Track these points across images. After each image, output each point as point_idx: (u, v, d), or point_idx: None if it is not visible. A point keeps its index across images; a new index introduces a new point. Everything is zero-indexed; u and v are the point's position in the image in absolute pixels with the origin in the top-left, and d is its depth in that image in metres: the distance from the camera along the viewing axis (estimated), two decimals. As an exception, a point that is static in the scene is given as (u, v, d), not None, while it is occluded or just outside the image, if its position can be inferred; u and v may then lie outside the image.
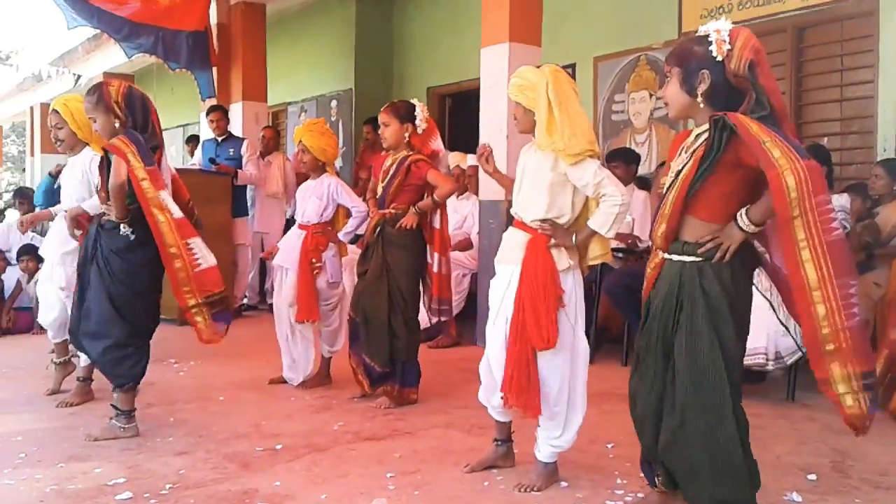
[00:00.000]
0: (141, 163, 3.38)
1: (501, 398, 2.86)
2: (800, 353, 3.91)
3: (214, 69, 8.38)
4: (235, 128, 7.98)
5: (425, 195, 4.08)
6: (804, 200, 2.04)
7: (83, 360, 4.11)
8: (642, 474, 2.65)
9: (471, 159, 6.27)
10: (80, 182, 4.12)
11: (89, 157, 4.09)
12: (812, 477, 2.93)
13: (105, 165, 3.53)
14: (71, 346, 4.29)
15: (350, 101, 9.49)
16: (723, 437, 2.24)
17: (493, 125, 5.65)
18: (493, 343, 2.96)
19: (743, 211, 2.25)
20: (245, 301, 7.73)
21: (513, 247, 2.90)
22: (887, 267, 4.50)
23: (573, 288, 2.86)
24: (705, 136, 2.26)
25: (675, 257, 2.35)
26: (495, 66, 5.65)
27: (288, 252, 4.51)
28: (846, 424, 2.22)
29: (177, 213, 3.47)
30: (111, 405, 3.60)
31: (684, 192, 2.29)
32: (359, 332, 4.16)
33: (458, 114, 8.66)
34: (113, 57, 11.04)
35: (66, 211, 3.98)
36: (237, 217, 7.45)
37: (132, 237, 3.50)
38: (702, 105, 2.31)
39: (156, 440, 3.50)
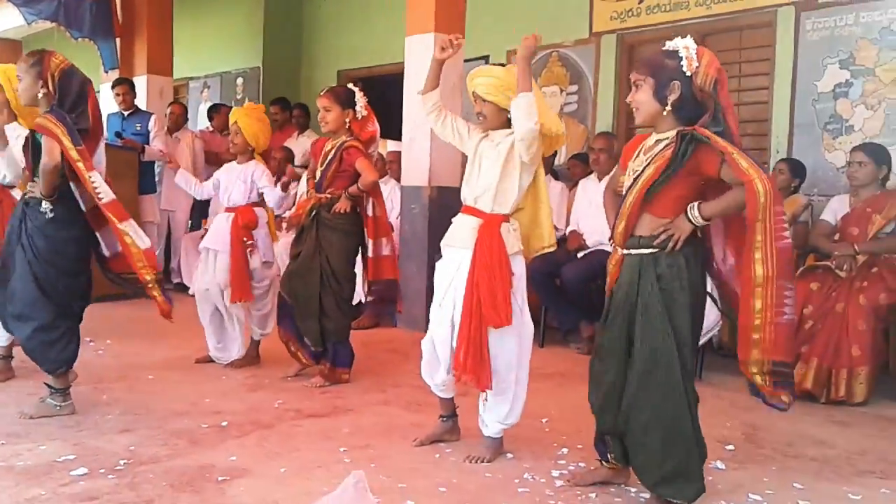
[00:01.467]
0: (72, 143, 3.34)
1: (453, 374, 3.01)
2: (706, 338, 4.25)
3: (118, 40, 8.11)
4: (139, 102, 7.75)
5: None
6: (768, 208, 2.31)
7: (2, 337, 3.99)
8: (596, 451, 2.82)
9: (391, 145, 6.38)
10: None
11: (15, 134, 3.94)
12: (730, 447, 3.25)
13: (30, 145, 3.48)
14: None
15: (258, 80, 9.37)
16: (673, 411, 2.48)
17: (417, 114, 5.75)
18: (440, 323, 3.08)
19: (694, 205, 2.50)
20: (149, 280, 7.54)
21: (463, 231, 3.04)
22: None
23: (520, 271, 3.05)
24: (666, 143, 2.50)
25: (634, 251, 2.58)
26: (420, 56, 5.76)
27: (218, 234, 4.50)
28: (767, 398, 2.49)
29: (110, 195, 3.44)
30: (45, 383, 3.54)
31: (643, 193, 2.53)
32: (288, 310, 4.23)
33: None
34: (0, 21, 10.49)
35: None
36: (144, 194, 7.26)
37: (51, 214, 3.45)
38: (667, 114, 2.53)
39: (94, 418, 3.47)
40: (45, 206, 3.42)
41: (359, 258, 4.28)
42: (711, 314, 3.40)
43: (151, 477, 2.78)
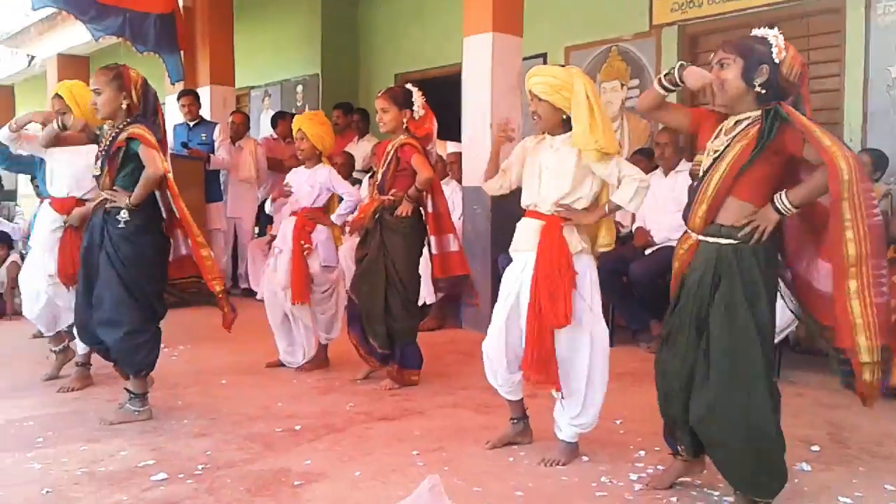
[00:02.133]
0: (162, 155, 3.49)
1: (522, 375, 2.98)
2: (783, 335, 4.12)
3: (182, 52, 8.28)
4: (203, 112, 7.90)
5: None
6: (854, 185, 2.24)
7: (81, 345, 4.10)
8: (666, 444, 2.78)
9: (451, 146, 6.37)
10: (83, 172, 4.06)
11: (86, 149, 4.00)
12: (815, 448, 3.14)
13: (116, 154, 3.54)
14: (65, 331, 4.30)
15: (317, 86, 9.47)
16: (757, 411, 2.41)
17: (476, 114, 5.76)
18: (503, 326, 3.05)
19: (782, 194, 2.42)
20: (217, 287, 7.68)
21: (528, 234, 3.03)
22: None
23: (586, 269, 3.00)
24: (748, 122, 2.44)
25: (712, 239, 2.50)
26: (478, 56, 5.75)
27: (282, 235, 4.58)
28: (859, 394, 2.39)
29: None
30: (125, 389, 3.64)
31: (734, 173, 2.45)
32: (357, 314, 4.25)
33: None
34: (67, 38, 10.78)
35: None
36: (211, 202, 7.40)
37: (133, 221, 3.53)
38: (750, 96, 2.47)
39: (170, 423, 3.54)
40: (124, 214, 3.51)
41: (425, 258, 4.26)
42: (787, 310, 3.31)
43: (229, 482, 2.81)
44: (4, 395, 4.03)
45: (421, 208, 4.20)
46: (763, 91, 2.45)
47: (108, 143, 3.58)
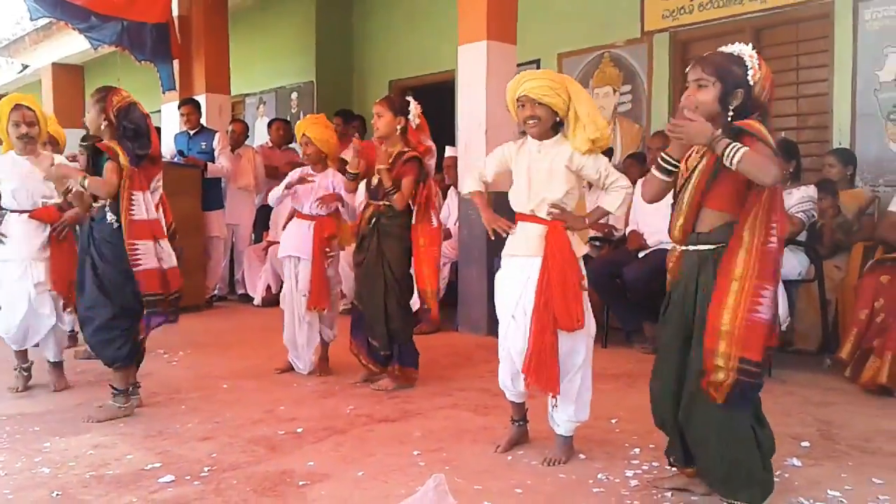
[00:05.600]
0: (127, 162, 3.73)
1: (523, 379, 3.03)
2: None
3: (176, 61, 8.35)
4: (200, 119, 7.97)
5: (420, 193, 4.23)
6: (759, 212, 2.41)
7: (52, 349, 4.32)
8: (665, 457, 2.82)
9: (448, 150, 6.45)
10: (44, 183, 4.23)
11: (49, 161, 4.26)
12: (805, 444, 3.22)
13: (91, 163, 3.85)
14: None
15: (311, 94, 9.55)
16: (732, 416, 2.46)
17: (471, 120, 5.84)
18: (517, 335, 3.06)
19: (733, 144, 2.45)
20: (216, 292, 7.75)
21: (530, 239, 3.05)
22: (847, 252, 4.87)
23: (585, 273, 3.07)
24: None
25: (692, 248, 2.57)
26: (473, 64, 5.84)
27: (299, 242, 4.55)
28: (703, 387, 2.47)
29: (141, 215, 3.75)
30: (109, 385, 3.80)
31: (702, 187, 2.53)
32: (359, 319, 4.33)
33: (421, 107, 8.80)
34: (62, 48, 10.88)
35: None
36: (211, 210, 7.46)
37: (116, 224, 3.73)
38: (721, 117, 2.52)
39: (175, 427, 3.60)
40: (111, 217, 3.72)
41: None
42: (781, 310, 3.39)
43: (235, 483, 2.87)
44: (8, 400, 4.08)
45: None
46: (736, 113, 2.51)
47: (87, 155, 3.88)
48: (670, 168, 2.61)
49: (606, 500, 2.70)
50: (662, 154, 2.62)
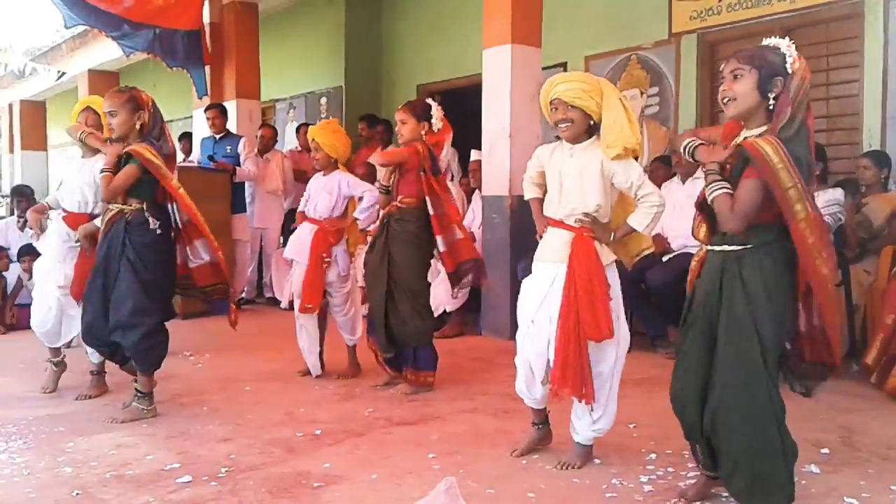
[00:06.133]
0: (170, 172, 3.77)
1: (551, 390, 2.98)
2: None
3: (207, 68, 8.47)
4: (229, 125, 8.05)
5: (423, 183, 4.20)
6: (819, 243, 2.38)
7: (94, 354, 4.23)
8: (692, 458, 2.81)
9: (474, 154, 6.45)
10: (90, 186, 4.23)
11: (92, 161, 4.23)
12: (825, 451, 3.17)
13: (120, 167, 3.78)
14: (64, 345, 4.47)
15: (340, 99, 9.61)
16: (759, 417, 2.43)
17: (496, 124, 5.85)
18: (535, 339, 3.05)
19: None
20: (243, 295, 7.84)
21: (556, 245, 3.02)
22: (876, 256, 4.78)
23: (615, 282, 3.03)
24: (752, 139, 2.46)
25: (717, 248, 2.55)
26: (497, 67, 5.84)
27: (300, 246, 4.62)
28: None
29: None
30: (135, 387, 3.84)
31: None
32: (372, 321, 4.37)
33: (449, 110, 8.78)
34: (97, 54, 11.08)
35: (81, 227, 4.21)
36: (235, 213, 7.54)
37: (160, 231, 3.78)
38: (763, 108, 2.47)
39: (196, 428, 3.65)
40: (154, 223, 3.77)
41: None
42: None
43: (251, 484, 2.91)
44: (35, 402, 4.16)
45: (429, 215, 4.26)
46: (773, 104, 2.44)
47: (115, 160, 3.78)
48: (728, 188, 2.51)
49: (619, 506, 2.68)
50: (712, 173, 2.54)
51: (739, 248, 2.48)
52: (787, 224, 2.37)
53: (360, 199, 4.63)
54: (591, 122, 2.99)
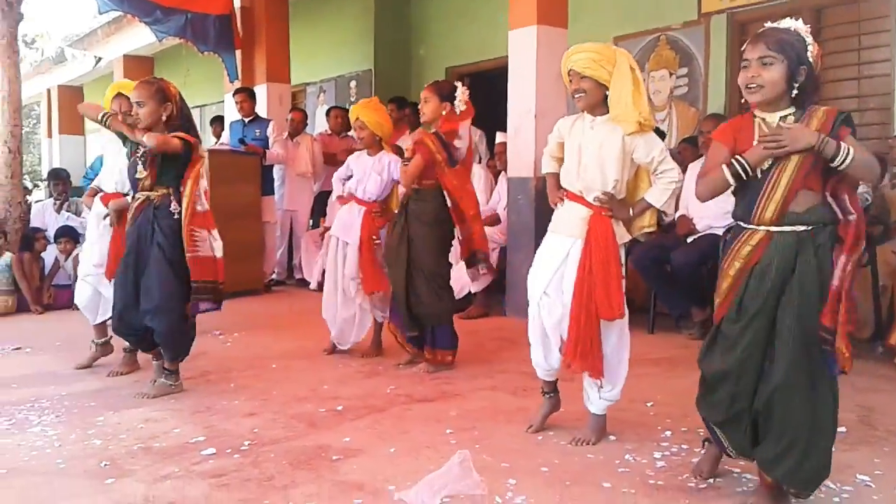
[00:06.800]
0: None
1: (563, 361, 3.05)
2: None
3: (238, 52, 8.56)
4: (260, 109, 8.16)
5: (443, 168, 4.24)
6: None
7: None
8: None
9: (499, 136, 6.47)
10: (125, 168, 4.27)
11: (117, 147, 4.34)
12: (842, 429, 3.13)
13: (151, 155, 3.84)
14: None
15: (370, 82, 9.67)
16: (822, 396, 2.39)
17: (521, 106, 5.85)
18: (550, 310, 3.09)
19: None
20: (274, 276, 7.96)
21: (573, 220, 3.05)
22: (905, 236, 4.73)
23: (624, 259, 3.07)
24: (795, 119, 2.44)
25: (789, 228, 2.44)
26: (523, 48, 5.84)
27: (348, 226, 4.65)
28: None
29: (203, 206, 3.93)
30: (163, 367, 3.97)
31: (806, 168, 2.39)
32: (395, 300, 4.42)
33: (477, 93, 8.79)
34: (132, 40, 11.25)
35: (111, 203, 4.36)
36: (265, 196, 7.64)
37: (177, 215, 3.86)
38: (787, 95, 2.44)
39: (223, 403, 3.75)
40: (175, 207, 3.84)
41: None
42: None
43: (273, 456, 2.99)
44: (70, 379, 4.29)
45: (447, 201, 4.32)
46: (801, 90, 2.43)
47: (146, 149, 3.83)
48: (744, 174, 2.48)
49: (631, 480, 2.71)
50: (739, 158, 2.48)
51: (811, 227, 2.42)
52: (850, 197, 2.39)
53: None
54: (607, 93, 2.98)
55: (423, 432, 3.25)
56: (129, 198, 4.16)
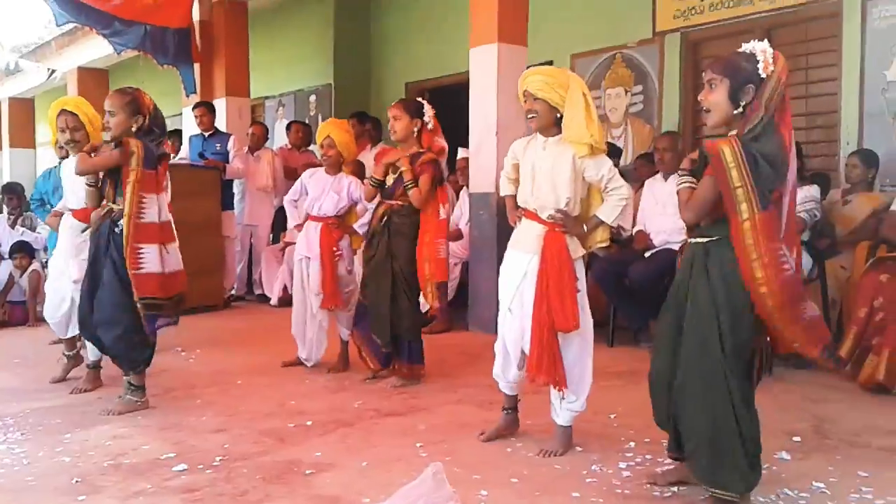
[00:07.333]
0: (140, 166, 3.77)
1: (527, 376, 3.15)
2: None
3: (196, 65, 8.53)
4: (219, 122, 8.11)
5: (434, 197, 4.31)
6: (759, 246, 2.43)
7: (93, 349, 4.31)
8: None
9: (461, 152, 6.55)
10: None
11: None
12: (797, 439, 3.30)
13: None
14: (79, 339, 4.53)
15: (329, 96, 9.70)
16: (715, 400, 2.51)
17: (483, 122, 5.95)
18: (511, 326, 3.23)
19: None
20: (233, 292, 7.91)
21: (529, 236, 3.17)
22: (852, 251, 4.91)
23: (582, 274, 3.17)
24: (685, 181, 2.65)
25: (693, 240, 2.66)
26: (484, 66, 5.94)
27: (309, 243, 4.70)
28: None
29: (151, 218, 3.84)
30: (126, 381, 3.94)
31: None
32: (364, 313, 4.45)
33: (437, 108, 8.86)
34: (86, 52, 11.08)
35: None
36: (224, 210, 7.60)
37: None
38: (738, 117, 2.54)
39: (190, 419, 3.74)
40: (120, 223, 3.82)
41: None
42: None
43: (245, 472, 3.01)
44: (31, 396, 4.24)
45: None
46: (744, 111, 2.52)
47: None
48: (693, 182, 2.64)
49: (598, 489, 2.80)
50: (683, 171, 2.69)
51: (707, 240, 2.59)
52: (730, 221, 2.47)
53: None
54: (559, 115, 3.11)
55: (393, 446, 3.29)
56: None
